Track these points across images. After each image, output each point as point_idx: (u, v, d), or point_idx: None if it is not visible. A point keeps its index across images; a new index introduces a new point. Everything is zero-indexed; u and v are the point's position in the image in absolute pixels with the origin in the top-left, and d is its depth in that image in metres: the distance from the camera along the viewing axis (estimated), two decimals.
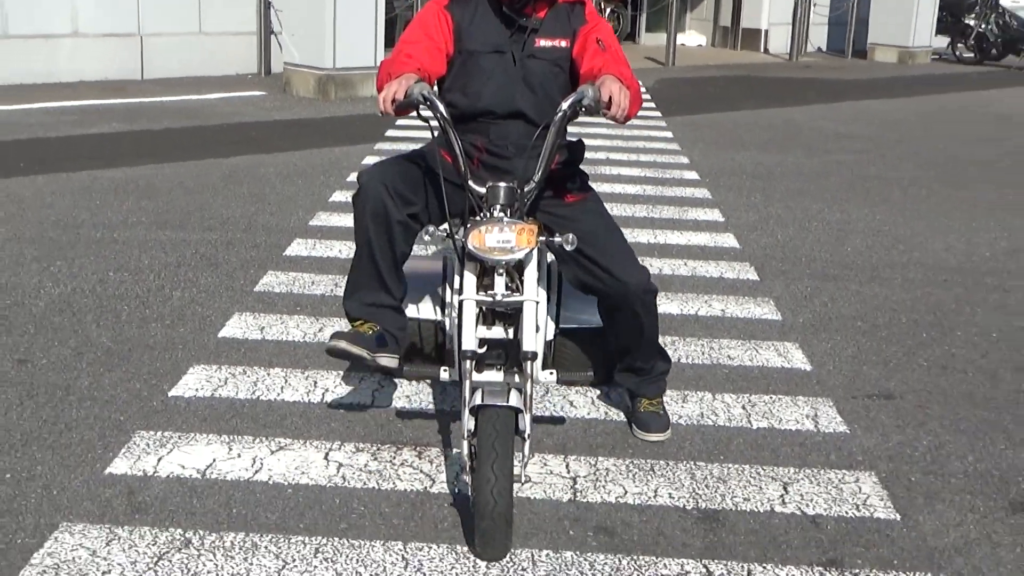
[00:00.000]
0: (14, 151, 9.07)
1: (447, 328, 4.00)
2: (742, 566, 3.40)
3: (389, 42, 14.71)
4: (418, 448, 4.07)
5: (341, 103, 12.37)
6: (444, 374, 3.88)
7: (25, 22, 12.69)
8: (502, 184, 3.51)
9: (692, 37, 21.22)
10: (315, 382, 4.61)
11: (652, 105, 13.25)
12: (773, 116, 12.80)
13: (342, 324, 4.57)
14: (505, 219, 3.42)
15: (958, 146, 11.17)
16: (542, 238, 3.47)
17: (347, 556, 3.36)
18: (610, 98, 3.40)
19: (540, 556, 3.40)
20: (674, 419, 4.33)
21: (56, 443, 4.02)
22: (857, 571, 3.40)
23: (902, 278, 6.51)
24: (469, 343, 3.45)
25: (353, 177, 8.54)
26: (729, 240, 7.20)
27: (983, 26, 19.83)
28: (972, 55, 20.01)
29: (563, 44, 3.80)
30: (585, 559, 3.41)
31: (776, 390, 4.76)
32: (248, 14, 14.18)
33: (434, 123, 3.53)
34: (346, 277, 3.96)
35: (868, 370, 5.05)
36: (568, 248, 3.49)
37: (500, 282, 3.45)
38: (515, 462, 3.28)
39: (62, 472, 3.81)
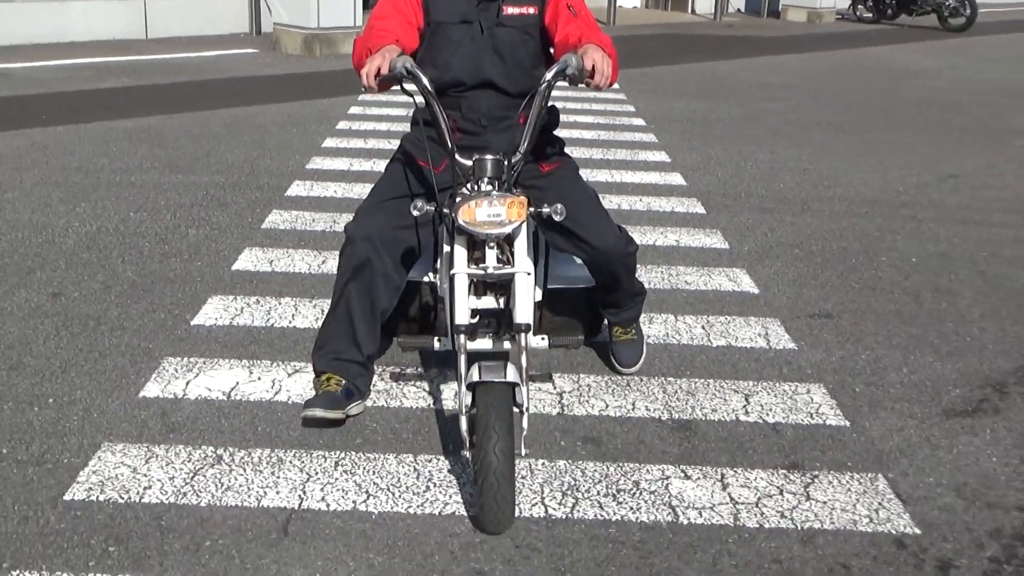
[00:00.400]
0: (36, 104, 8.69)
1: (439, 292, 3.55)
2: (716, 470, 3.29)
3: (366, 5, 14.30)
4: (419, 369, 3.90)
5: (325, 59, 12.00)
6: (437, 344, 3.43)
7: None
8: (489, 156, 3.05)
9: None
10: (322, 310, 4.41)
11: None
12: (703, 69, 12.58)
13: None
14: (494, 192, 2.99)
15: (863, 95, 11.03)
16: (531, 210, 3.06)
17: (364, 468, 3.21)
18: (593, 67, 3.02)
19: (536, 465, 3.27)
20: (645, 337, 4.12)
21: (92, 369, 3.81)
22: (816, 472, 3.30)
23: (829, 210, 6.39)
24: (463, 317, 3.04)
25: (343, 125, 8.28)
26: (677, 179, 7.03)
27: None
28: (871, 15, 19.79)
29: (531, 11, 3.37)
30: (576, 467, 3.28)
31: (730, 311, 4.64)
32: None
33: (419, 99, 3.11)
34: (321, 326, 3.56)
35: (808, 292, 4.93)
36: (557, 218, 3.04)
37: (491, 255, 3.04)
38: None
39: (100, 396, 3.61)
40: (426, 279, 3.62)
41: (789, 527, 2.98)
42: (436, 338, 3.45)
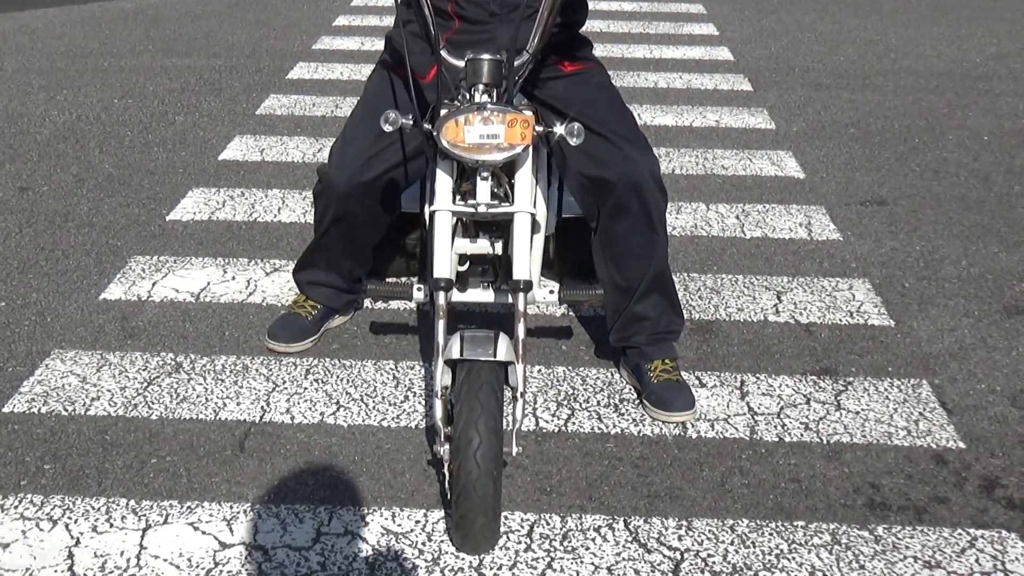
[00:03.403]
0: None
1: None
2: (735, 376, 3.07)
3: None
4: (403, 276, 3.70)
5: None
6: (418, 293, 2.75)
7: None
8: (486, 56, 2.38)
9: None
10: (311, 202, 4.22)
11: None
12: None
13: None
14: (490, 105, 2.33)
15: None
16: (539, 128, 2.41)
17: (338, 376, 3.04)
18: None
19: (533, 372, 3.07)
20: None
21: (52, 270, 3.67)
22: (851, 379, 3.07)
23: (894, 85, 6.02)
24: (442, 268, 2.42)
25: (358, 1, 7.98)
26: (724, 53, 6.68)
27: None
28: None
29: None
30: (576, 373, 3.08)
31: (769, 199, 4.36)
32: None
33: None
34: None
35: (861, 176, 4.63)
36: (573, 141, 2.39)
37: (484, 188, 2.42)
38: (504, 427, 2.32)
39: (57, 299, 3.47)
40: (415, 208, 3.13)
41: (813, 441, 2.77)
42: (415, 286, 2.78)
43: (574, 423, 2.84)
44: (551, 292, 2.82)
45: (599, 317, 3.35)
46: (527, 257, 2.45)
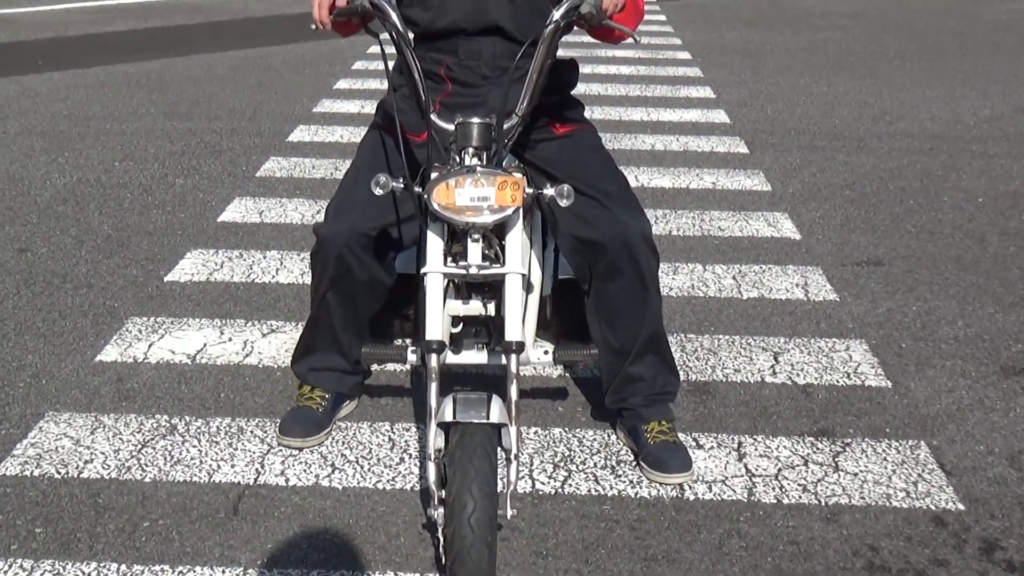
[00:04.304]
0: (33, 49, 8.60)
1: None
2: (732, 438, 3.05)
3: None
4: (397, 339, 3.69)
5: None
6: (412, 356, 2.69)
7: None
8: (475, 120, 2.39)
9: None
10: (309, 264, 4.22)
11: None
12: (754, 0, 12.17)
13: None
14: (480, 168, 2.34)
15: (935, 19, 10.56)
16: (529, 190, 2.40)
17: (333, 438, 3.02)
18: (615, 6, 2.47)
19: (529, 433, 3.05)
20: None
21: (49, 331, 3.67)
22: (849, 440, 3.05)
23: (888, 147, 6.06)
24: (435, 331, 2.40)
25: (360, 65, 8.07)
26: (720, 116, 6.73)
27: None
28: None
29: None
30: (573, 435, 3.06)
31: (766, 260, 4.37)
32: None
33: (386, 38, 2.58)
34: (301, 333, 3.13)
35: (857, 237, 4.64)
36: (563, 203, 2.37)
37: (475, 249, 2.40)
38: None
39: (52, 361, 3.46)
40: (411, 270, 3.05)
41: (812, 503, 2.74)
42: (410, 348, 2.72)
43: (570, 485, 2.81)
44: (545, 353, 2.80)
45: (595, 378, 3.34)
46: (519, 318, 2.43)
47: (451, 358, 2.74)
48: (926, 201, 5.12)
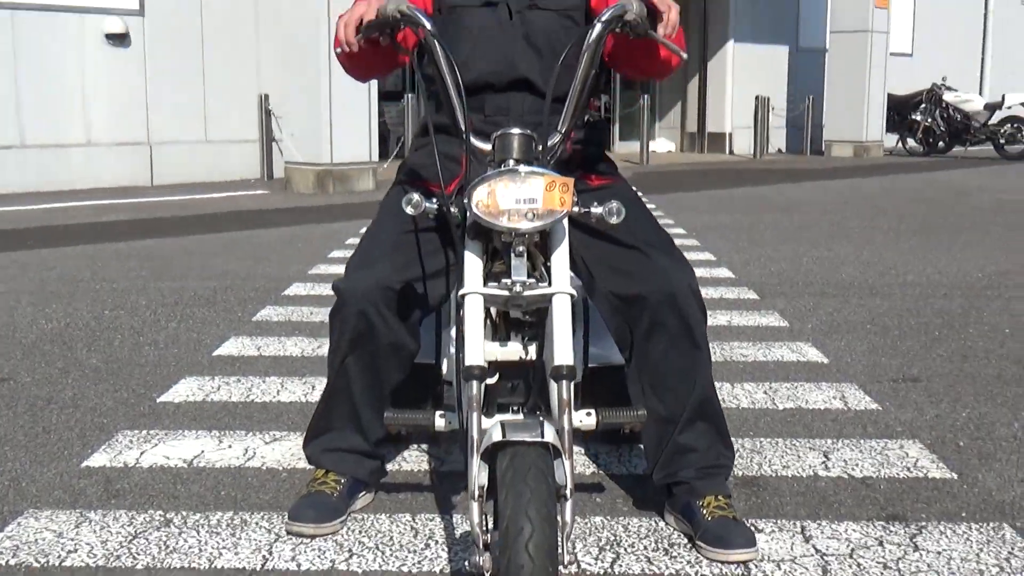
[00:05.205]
0: (25, 234, 8.47)
1: (443, 373, 2.82)
2: (793, 523, 2.74)
3: (383, 140, 14.31)
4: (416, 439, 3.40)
5: (339, 196, 11.84)
6: (440, 421, 2.44)
7: (41, 132, 12.21)
8: (516, 130, 2.21)
9: (662, 144, 20.87)
10: (313, 386, 3.96)
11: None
12: (746, 193, 12.33)
13: None
14: (524, 168, 2.13)
15: (924, 206, 10.66)
16: (576, 206, 2.17)
17: (349, 528, 2.69)
18: (659, 11, 2.29)
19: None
20: None
21: (31, 443, 3.35)
22: (923, 523, 2.74)
23: (901, 294, 5.91)
24: (475, 355, 2.13)
25: (353, 240, 7.96)
26: (724, 272, 6.61)
27: (929, 120, 19.49)
28: (921, 148, 19.62)
29: None
30: (617, 522, 2.74)
31: (796, 379, 4.13)
32: (250, 122, 13.73)
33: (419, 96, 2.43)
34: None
35: (887, 360, 4.42)
36: (613, 220, 2.20)
37: (519, 264, 2.16)
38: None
39: (34, 467, 3.14)
40: (429, 360, 2.88)
41: None
42: (438, 413, 2.46)
43: (621, 565, 2.48)
44: (588, 415, 2.47)
45: (633, 475, 3.04)
46: (569, 342, 2.16)
47: (484, 422, 2.44)
48: (951, 333, 4.93)
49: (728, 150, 20.45)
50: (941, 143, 19.57)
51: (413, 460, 3.17)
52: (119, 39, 12.61)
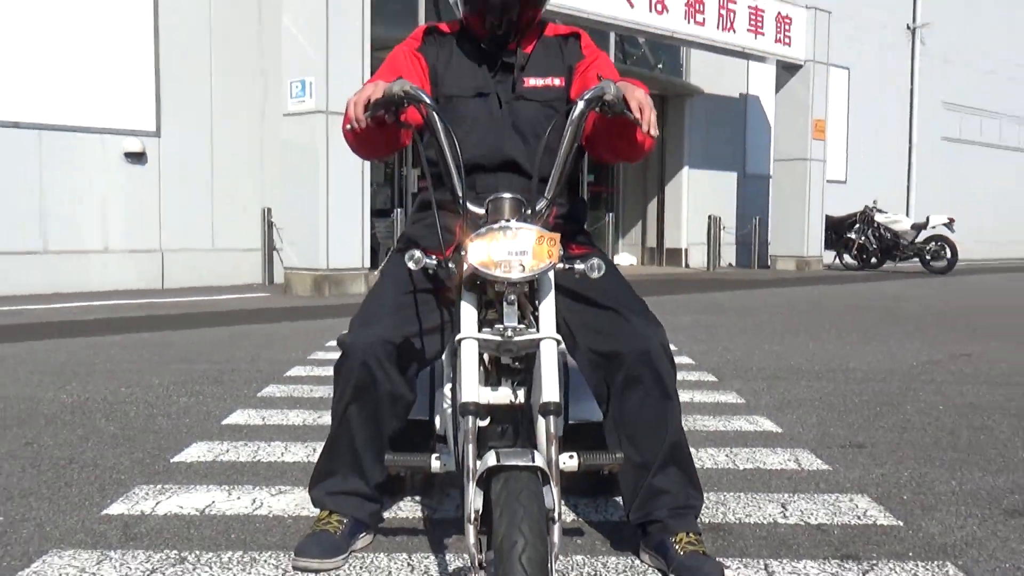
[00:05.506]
0: (41, 329, 8.43)
1: (436, 428, 2.88)
2: (758, 561, 2.74)
3: (374, 250, 14.40)
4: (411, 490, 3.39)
5: (335, 298, 11.87)
6: (436, 463, 2.47)
7: (63, 240, 12.24)
8: (507, 195, 2.32)
9: (625, 257, 21.10)
10: (314, 448, 3.94)
11: None
12: (702, 298, 12.45)
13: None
14: (515, 223, 2.21)
15: (861, 312, 10.79)
16: (562, 262, 2.26)
17: (350, 565, 2.66)
18: (639, 107, 2.35)
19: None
20: None
21: (54, 496, 3.31)
22: (874, 561, 2.74)
23: (845, 378, 5.97)
24: (470, 393, 2.19)
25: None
26: (686, 360, 6.65)
27: (863, 238, 19.85)
28: (856, 263, 19.94)
29: (557, 83, 2.76)
30: (597, 560, 2.72)
31: (754, 444, 4.15)
32: (254, 233, 13.83)
33: (416, 169, 2.49)
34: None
35: (835, 431, 4.45)
36: (594, 275, 2.31)
37: (511, 312, 2.24)
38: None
39: (57, 515, 3.10)
40: (423, 416, 2.91)
41: None
42: (433, 455, 2.49)
43: None
44: (571, 457, 2.48)
45: (611, 522, 3.04)
46: (555, 381, 2.19)
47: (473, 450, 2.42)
48: (891, 410, 4.97)
49: (684, 263, 20.69)
50: (874, 259, 19.90)
51: (408, 508, 3.16)
52: (137, 157, 12.75)
